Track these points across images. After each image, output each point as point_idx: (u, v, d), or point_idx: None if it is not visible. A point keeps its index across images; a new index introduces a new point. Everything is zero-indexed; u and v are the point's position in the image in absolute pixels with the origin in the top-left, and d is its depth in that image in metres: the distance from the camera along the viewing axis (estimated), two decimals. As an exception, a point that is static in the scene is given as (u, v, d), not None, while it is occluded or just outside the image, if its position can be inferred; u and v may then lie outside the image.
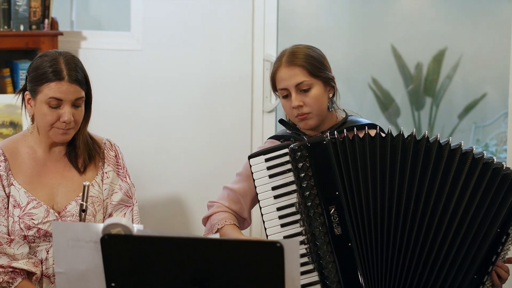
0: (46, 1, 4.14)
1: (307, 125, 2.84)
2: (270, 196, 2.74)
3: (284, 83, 2.84)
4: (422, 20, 5.52)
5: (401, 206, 2.67)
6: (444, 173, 2.67)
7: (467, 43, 5.48)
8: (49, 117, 2.74)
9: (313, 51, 2.89)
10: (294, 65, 2.83)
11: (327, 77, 2.87)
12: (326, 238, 2.66)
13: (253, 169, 2.77)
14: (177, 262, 2.10)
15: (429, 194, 2.67)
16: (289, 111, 2.86)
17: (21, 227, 2.75)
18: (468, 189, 2.67)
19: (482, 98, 5.40)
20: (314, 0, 5.54)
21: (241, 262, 2.08)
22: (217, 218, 2.93)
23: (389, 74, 5.50)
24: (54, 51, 2.80)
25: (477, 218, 2.67)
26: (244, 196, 2.95)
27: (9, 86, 4.14)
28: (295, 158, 2.69)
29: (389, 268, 2.68)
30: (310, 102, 2.82)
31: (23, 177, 2.81)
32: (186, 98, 4.44)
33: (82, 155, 2.85)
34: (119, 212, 2.90)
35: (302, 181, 2.68)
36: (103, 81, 4.25)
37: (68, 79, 2.72)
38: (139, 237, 2.11)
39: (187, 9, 4.40)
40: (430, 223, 2.67)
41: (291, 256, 2.05)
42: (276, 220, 2.73)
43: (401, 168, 2.67)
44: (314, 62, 2.84)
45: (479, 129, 5.41)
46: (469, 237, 2.66)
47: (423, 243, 2.67)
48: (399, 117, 5.49)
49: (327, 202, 2.66)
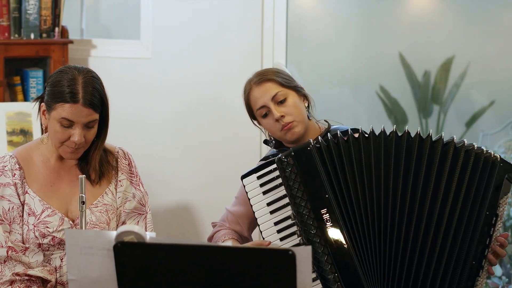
0: (57, 9, 4.15)
1: (295, 134, 2.90)
2: (266, 212, 2.78)
3: (260, 101, 2.91)
4: (430, 28, 5.52)
5: (395, 202, 2.69)
6: (428, 165, 2.71)
7: (475, 51, 5.47)
8: (59, 135, 2.74)
9: (277, 69, 3.00)
10: (264, 81, 2.92)
11: (297, 87, 2.95)
12: (322, 241, 2.68)
13: (247, 189, 2.81)
14: (190, 269, 2.10)
15: (424, 189, 2.70)
16: (273, 127, 2.92)
17: (36, 235, 2.76)
18: (454, 178, 2.70)
19: (489, 106, 5.40)
20: (323, 8, 5.55)
21: (253, 270, 2.08)
22: (218, 236, 3.01)
23: (397, 82, 5.51)
24: (75, 68, 2.78)
25: (466, 205, 2.70)
26: (241, 218, 3.03)
27: (20, 94, 4.15)
28: (282, 168, 2.73)
29: (388, 264, 2.69)
30: (290, 110, 2.89)
31: (37, 186, 2.82)
32: (195, 106, 4.45)
33: (95, 171, 2.87)
34: (132, 220, 2.91)
35: (291, 189, 2.71)
36: (112, 89, 4.19)
37: (82, 102, 2.70)
38: (152, 244, 2.11)
39: (196, 18, 4.41)
40: (423, 216, 2.69)
41: (303, 263, 2.05)
42: (275, 235, 2.76)
43: (386, 164, 2.71)
44: (282, 75, 2.95)
45: (487, 137, 5.41)
46: (462, 226, 2.69)
47: (417, 236, 2.69)
48: (406, 125, 5.49)
49: (317, 206, 2.69)
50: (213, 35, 4.42)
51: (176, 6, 4.40)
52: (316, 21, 5.49)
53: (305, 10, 5.38)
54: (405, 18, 5.61)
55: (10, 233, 2.77)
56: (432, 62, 5.45)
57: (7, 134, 4.01)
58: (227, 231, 3.00)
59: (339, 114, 5.27)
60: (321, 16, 5.53)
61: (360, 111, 5.49)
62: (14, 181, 2.79)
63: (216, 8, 4.40)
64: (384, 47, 5.53)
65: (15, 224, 2.78)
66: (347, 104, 5.43)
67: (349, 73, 5.52)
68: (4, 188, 2.79)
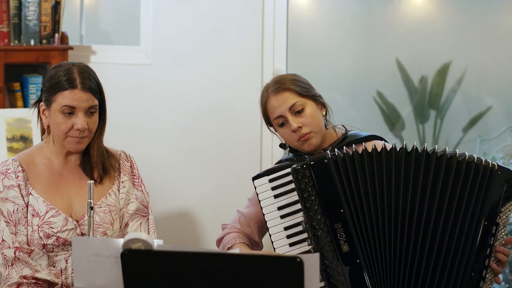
0: (56, 15, 4.15)
1: (311, 145, 2.86)
2: (276, 216, 2.77)
3: (278, 110, 2.87)
4: (427, 34, 5.53)
5: (405, 218, 2.69)
6: (433, 181, 2.71)
7: (472, 57, 5.48)
8: (63, 126, 2.77)
9: (295, 75, 2.95)
10: (282, 91, 2.88)
11: (315, 95, 2.91)
12: (335, 255, 2.68)
13: (258, 190, 2.80)
14: (197, 277, 2.10)
15: (430, 204, 2.70)
16: (290, 137, 2.88)
17: (41, 236, 2.78)
18: (456, 191, 2.71)
19: (486, 111, 5.41)
20: (319, 15, 5.56)
21: (261, 277, 2.08)
22: (228, 238, 2.98)
23: (394, 88, 5.51)
24: (68, 62, 2.85)
25: (466, 217, 2.69)
26: (253, 221, 2.99)
27: (20, 101, 4.15)
28: (298, 178, 2.71)
29: (397, 281, 2.69)
30: (308, 121, 2.85)
31: (40, 187, 2.84)
32: (195, 112, 4.45)
33: (97, 167, 2.88)
34: (135, 222, 2.94)
35: (306, 201, 2.70)
36: (112, 95, 4.21)
37: (81, 87, 2.76)
38: (160, 252, 2.10)
39: (197, 24, 4.41)
40: (428, 232, 2.70)
41: (311, 271, 2.05)
42: (284, 239, 2.75)
43: (397, 181, 2.70)
44: (300, 84, 2.90)
45: (485, 142, 5.42)
46: (462, 238, 2.69)
47: (424, 252, 2.69)
48: (403, 130, 5.50)
49: (332, 221, 2.69)
50: (213, 40, 4.42)
51: (177, 12, 4.40)
52: (313, 27, 5.50)
53: (304, 15, 5.38)
54: (402, 23, 5.62)
55: (15, 234, 2.79)
56: (429, 67, 5.46)
57: (7, 141, 4.00)
58: (237, 234, 2.98)
59: (336, 119, 5.27)
60: (318, 22, 5.54)
61: (357, 117, 5.50)
62: (17, 182, 2.82)
63: (216, 14, 4.40)
64: (381, 52, 5.54)
65: (20, 226, 2.80)
66: (344, 109, 5.44)
67: (346, 78, 5.52)
68: (8, 190, 2.81)
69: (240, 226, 3.00)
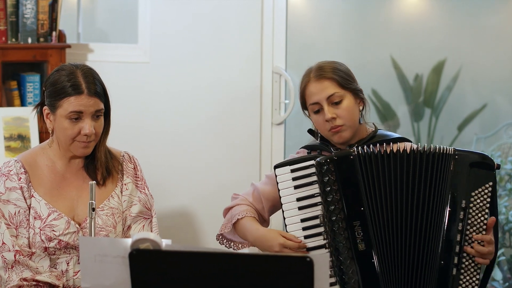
0: (54, 13, 4.13)
1: (341, 137, 2.82)
2: (294, 207, 2.76)
3: (315, 97, 2.83)
4: (422, 31, 5.53)
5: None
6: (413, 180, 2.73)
7: (467, 54, 5.49)
8: (70, 131, 2.75)
9: (339, 64, 2.89)
10: (323, 78, 2.82)
11: (356, 89, 2.87)
12: (350, 253, 2.67)
13: (278, 179, 2.78)
14: (206, 277, 2.09)
15: (419, 204, 2.72)
16: (322, 125, 2.84)
17: (42, 239, 2.76)
18: (426, 185, 2.71)
19: (482, 109, 5.42)
20: (314, 12, 5.56)
21: (271, 277, 2.07)
22: (238, 209, 2.94)
23: (389, 86, 5.52)
24: (70, 65, 2.82)
25: (424, 208, 2.69)
26: (266, 199, 2.95)
27: (17, 99, 4.12)
28: (321, 171, 2.69)
29: (409, 284, 2.69)
30: (343, 114, 2.80)
31: (43, 189, 2.82)
32: (194, 111, 4.43)
33: (101, 169, 2.86)
34: (138, 224, 2.93)
35: (327, 195, 2.69)
36: (110, 94, 4.22)
37: (87, 92, 2.74)
38: (168, 252, 2.10)
39: (195, 22, 4.39)
40: (419, 232, 2.71)
41: (321, 270, 2.05)
42: (299, 231, 2.74)
43: (413, 183, 2.70)
44: (342, 74, 2.84)
45: (480, 140, 5.43)
46: (425, 229, 2.69)
47: (419, 250, 2.71)
48: (398, 128, 5.51)
49: (351, 217, 2.68)
50: (212, 39, 4.40)
51: (175, 10, 4.38)
52: (311, 25, 5.49)
53: (303, 13, 5.38)
54: (397, 21, 5.63)
55: (16, 237, 2.77)
56: (424, 65, 5.47)
57: (4, 140, 3.98)
58: (248, 208, 2.93)
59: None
60: (315, 20, 5.54)
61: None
62: (20, 184, 2.80)
63: (215, 12, 4.38)
64: (375, 50, 5.54)
65: (21, 228, 2.78)
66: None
67: (341, 76, 5.51)
68: (10, 192, 2.79)
69: (252, 199, 2.96)
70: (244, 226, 2.88)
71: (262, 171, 4.42)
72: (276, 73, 4.39)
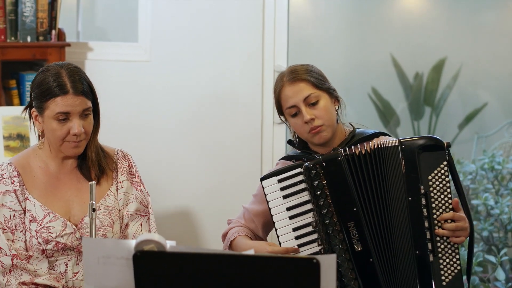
0: (53, 11, 4.11)
1: (322, 138, 2.83)
2: (285, 217, 2.76)
3: (292, 100, 2.83)
4: (422, 30, 5.54)
5: (387, 218, 2.70)
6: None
7: (467, 53, 5.50)
8: (59, 132, 2.72)
9: (311, 66, 2.91)
10: (298, 81, 2.83)
11: (330, 88, 2.88)
12: (347, 255, 2.68)
13: (266, 191, 2.78)
14: (211, 278, 2.08)
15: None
16: (301, 128, 2.85)
17: (39, 241, 2.74)
18: (389, 179, 2.73)
19: (482, 108, 5.41)
20: (314, 11, 5.55)
21: (277, 279, 2.06)
22: (231, 232, 2.97)
23: (389, 84, 5.52)
24: (55, 64, 2.78)
25: (391, 204, 2.70)
26: (256, 217, 2.97)
27: (16, 98, 4.11)
28: (310, 176, 2.71)
29: (409, 278, 2.69)
30: (321, 114, 2.81)
31: (37, 191, 2.80)
32: (194, 110, 4.42)
33: (94, 167, 2.83)
34: (136, 222, 2.91)
35: (318, 199, 2.69)
36: (110, 92, 4.22)
37: (73, 92, 2.70)
38: (173, 253, 2.09)
39: (196, 20, 4.38)
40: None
41: (328, 272, 2.04)
42: (293, 241, 2.74)
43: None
44: (316, 75, 2.86)
45: (482, 139, 5.42)
46: (397, 225, 2.69)
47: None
48: (398, 127, 5.50)
49: (345, 219, 2.68)
50: (213, 36, 4.39)
51: (175, 8, 4.37)
52: (312, 22, 5.49)
53: (304, 11, 5.38)
54: (397, 19, 5.63)
55: (13, 241, 2.75)
56: (424, 63, 5.47)
57: (3, 139, 3.96)
58: (240, 228, 2.96)
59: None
60: (313, 18, 5.53)
61: (351, 113, 5.48)
62: (14, 188, 2.77)
63: (216, 9, 4.37)
64: (375, 48, 5.55)
65: (17, 232, 2.76)
66: (345, 107, 5.43)
67: (341, 75, 5.52)
68: (4, 196, 2.76)
69: (244, 221, 2.98)
70: (236, 245, 2.90)
71: (263, 169, 4.42)
72: (277, 71, 4.38)
